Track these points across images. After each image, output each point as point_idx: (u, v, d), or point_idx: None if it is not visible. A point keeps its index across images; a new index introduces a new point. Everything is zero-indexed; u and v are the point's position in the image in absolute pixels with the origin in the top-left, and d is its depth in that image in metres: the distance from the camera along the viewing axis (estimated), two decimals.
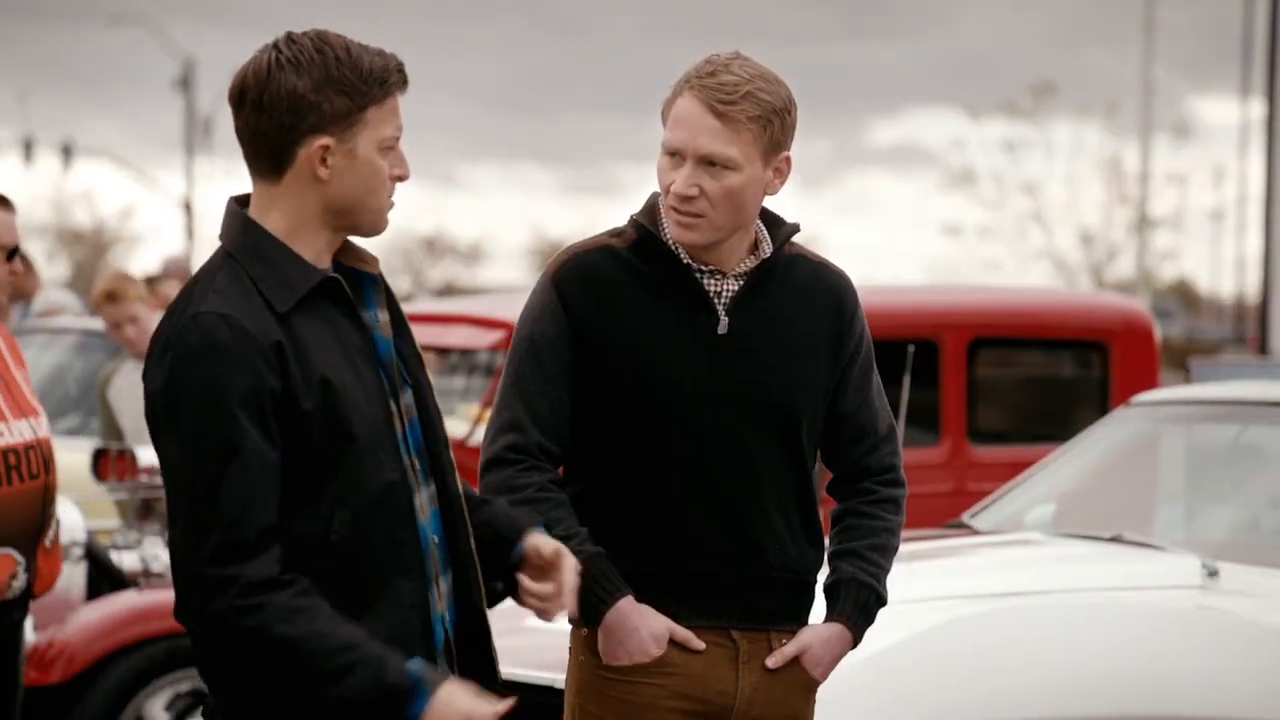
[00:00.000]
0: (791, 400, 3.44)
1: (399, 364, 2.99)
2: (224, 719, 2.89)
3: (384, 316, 3.00)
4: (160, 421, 2.84)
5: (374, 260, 3.01)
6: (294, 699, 2.81)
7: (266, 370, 2.82)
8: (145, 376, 2.89)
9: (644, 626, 3.39)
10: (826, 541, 3.57)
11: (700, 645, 3.42)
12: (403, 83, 2.93)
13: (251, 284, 2.87)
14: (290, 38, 2.90)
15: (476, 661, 3.02)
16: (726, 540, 3.41)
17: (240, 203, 2.97)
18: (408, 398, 2.98)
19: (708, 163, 3.36)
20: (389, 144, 2.92)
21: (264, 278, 2.88)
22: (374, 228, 2.96)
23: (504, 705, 2.91)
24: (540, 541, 3.02)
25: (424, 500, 2.95)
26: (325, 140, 2.88)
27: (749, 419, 3.41)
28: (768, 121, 3.37)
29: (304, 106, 2.86)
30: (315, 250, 2.93)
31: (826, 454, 3.56)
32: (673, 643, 3.41)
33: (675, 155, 3.39)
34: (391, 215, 3.00)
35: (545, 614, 3.03)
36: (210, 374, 2.80)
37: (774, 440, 3.43)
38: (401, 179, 2.96)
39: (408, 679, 2.81)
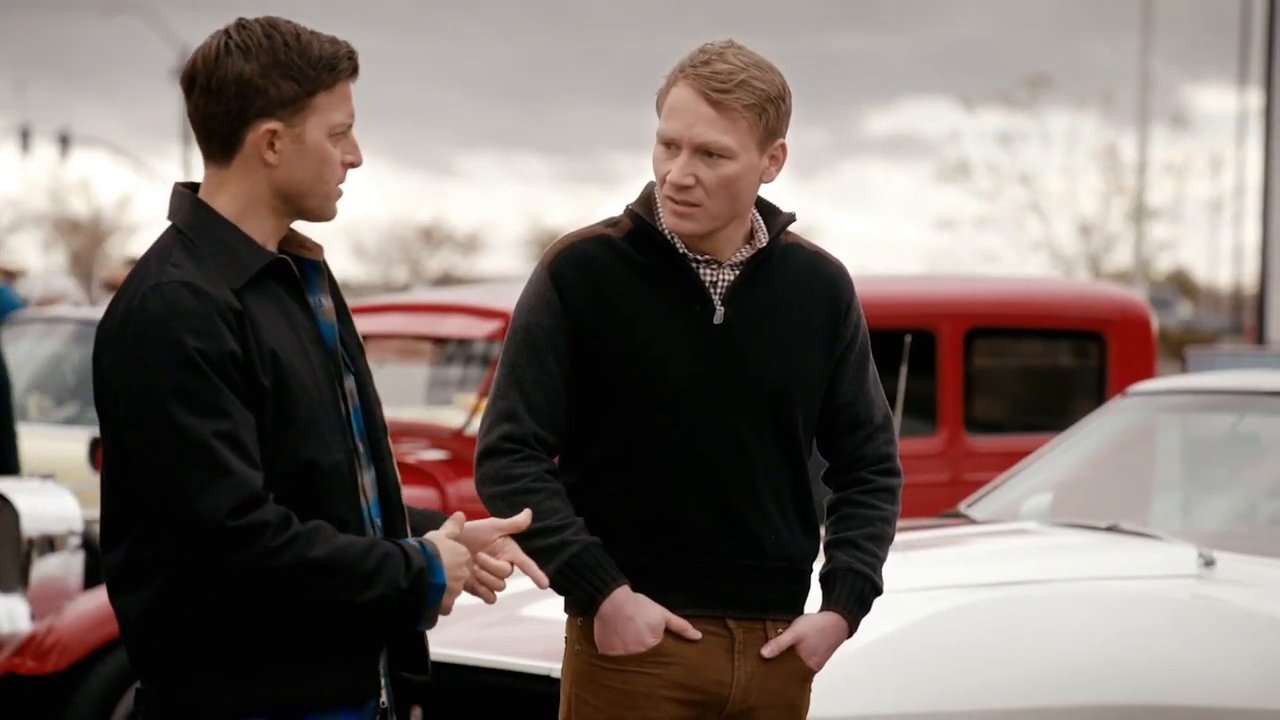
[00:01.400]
0: (787, 390, 3.43)
1: (342, 350, 3.02)
2: (159, 705, 2.92)
3: (328, 302, 3.03)
4: (134, 395, 2.84)
5: (318, 247, 3.04)
6: (332, 615, 2.88)
7: (231, 337, 2.85)
8: (103, 355, 2.89)
9: (640, 616, 3.39)
10: (822, 531, 3.57)
11: (696, 635, 3.42)
12: (353, 70, 2.95)
13: (205, 260, 2.90)
14: (241, 23, 2.94)
15: (407, 644, 3.05)
16: (722, 530, 3.41)
17: (189, 188, 3.00)
18: (350, 383, 3.02)
19: (704, 152, 3.36)
20: (339, 130, 2.95)
21: (216, 255, 2.91)
22: (322, 213, 2.99)
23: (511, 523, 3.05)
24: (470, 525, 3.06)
25: (367, 483, 3.00)
26: (273, 125, 2.91)
27: (744, 409, 3.41)
28: (763, 110, 3.36)
29: (251, 91, 2.90)
30: (262, 234, 2.96)
31: (822, 443, 3.56)
32: (669, 632, 3.41)
33: (671, 145, 3.38)
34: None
35: (492, 593, 3.04)
36: (181, 339, 2.82)
37: (769, 430, 3.43)
38: (354, 165, 2.99)
39: (423, 555, 2.91)
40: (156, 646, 2.90)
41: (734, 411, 3.41)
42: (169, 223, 2.98)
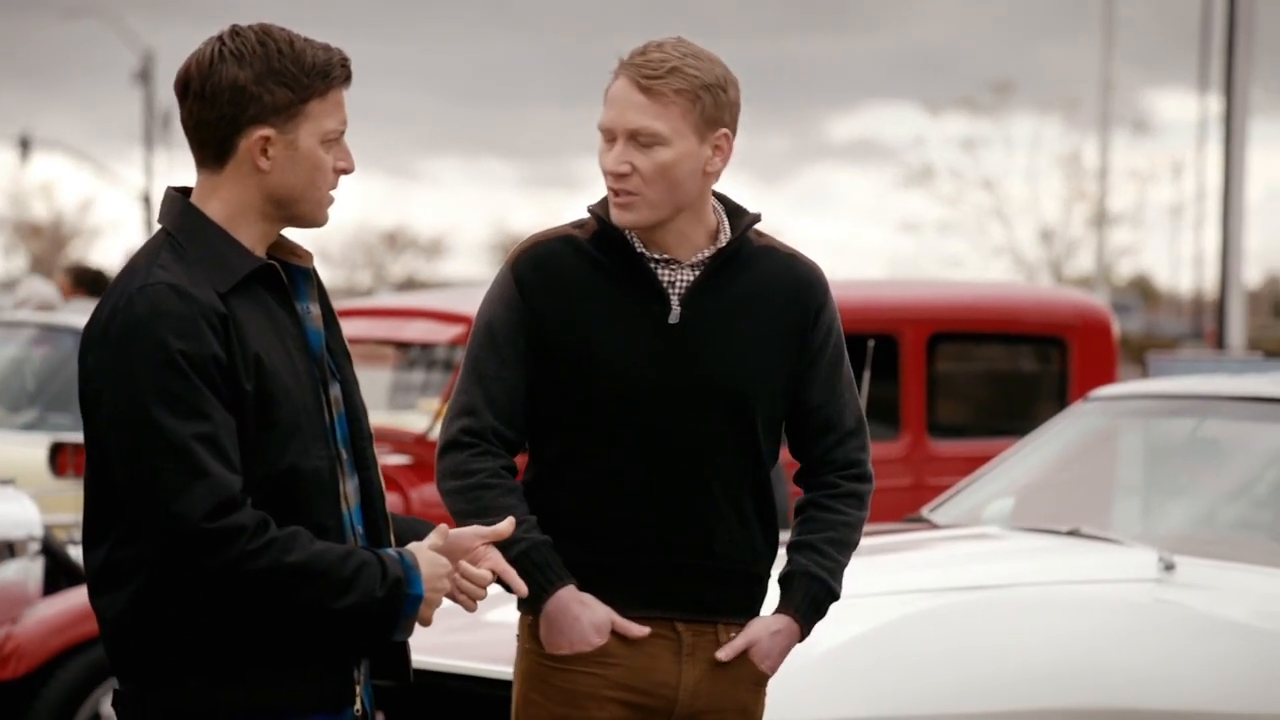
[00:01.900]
0: (740, 391, 3.43)
1: (328, 358, 3.03)
2: (138, 706, 2.92)
3: (315, 310, 3.04)
4: (116, 394, 2.85)
5: (307, 255, 3.06)
6: (307, 622, 2.88)
7: (215, 340, 2.86)
8: (88, 355, 2.90)
9: (585, 616, 3.41)
10: (785, 535, 3.57)
11: (642, 632, 3.42)
12: (346, 77, 2.98)
13: (193, 263, 2.92)
14: (235, 30, 2.95)
15: (388, 651, 3.05)
16: (671, 531, 3.42)
17: (180, 192, 3.01)
18: (336, 391, 3.03)
19: (637, 139, 3.37)
20: (332, 137, 2.97)
21: (204, 259, 2.92)
22: (313, 219, 3.00)
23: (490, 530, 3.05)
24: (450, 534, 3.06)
25: (350, 490, 3.01)
26: (266, 131, 2.93)
27: (697, 410, 3.41)
28: (696, 96, 3.37)
29: (245, 97, 2.91)
30: (252, 240, 2.97)
31: (793, 446, 3.56)
32: (616, 633, 3.42)
33: (608, 136, 3.40)
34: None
35: (473, 602, 3.04)
36: (165, 340, 2.84)
37: (724, 431, 3.43)
38: (345, 172, 3.01)
39: (400, 565, 2.92)
40: (135, 648, 2.91)
41: (686, 412, 3.41)
42: (159, 225, 2.99)
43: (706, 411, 3.41)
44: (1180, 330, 38.90)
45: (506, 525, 3.07)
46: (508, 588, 3.15)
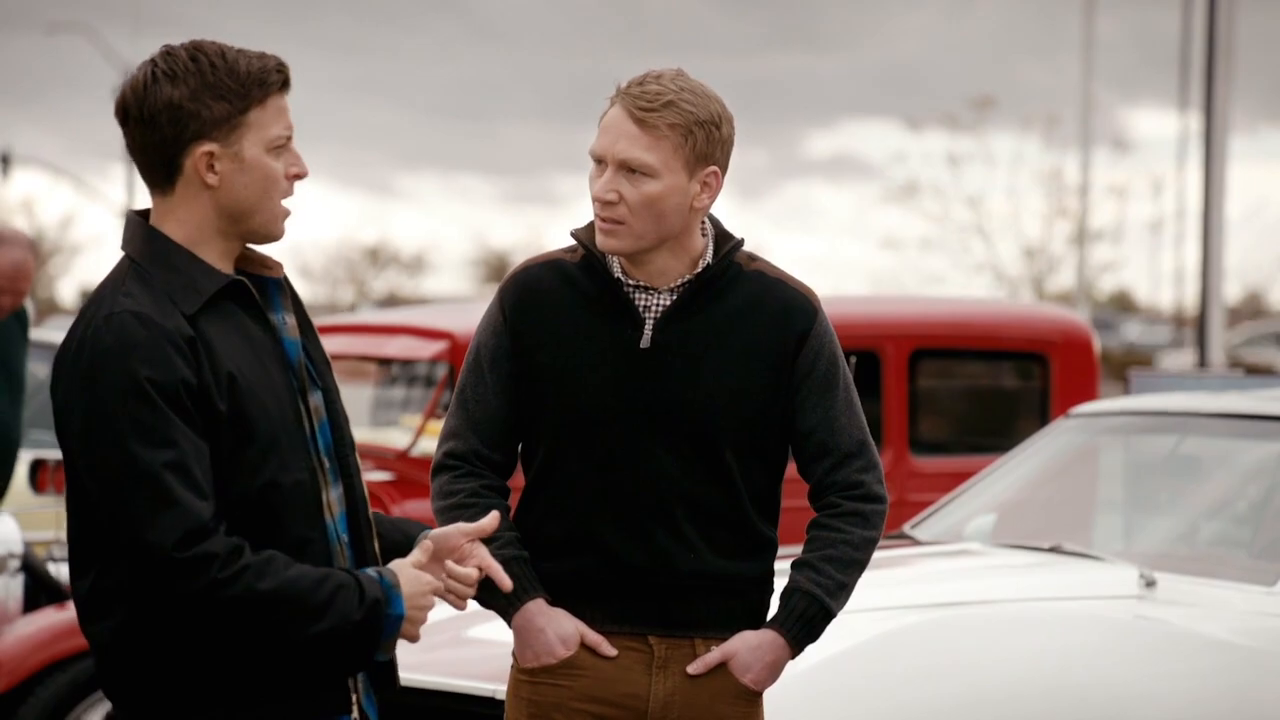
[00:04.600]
0: (706, 414, 3.45)
1: (308, 366, 3.02)
2: None
3: (291, 320, 3.04)
4: (87, 425, 2.85)
5: (278, 265, 3.05)
6: (284, 647, 2.88)
7: (184, 365, 2.86)
8: (58, 386, 2.91)
9: (550, 628, 3.46)
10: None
11: (610, 651, 3.47)
12: (284, 82, 2.96)
13: (159, 288, 2.91)
14: (166, 50, 2.95)
15: (374, 665, 3.05)
16: (633, 549, 3.46)
17: (142, 216, 3.01)
18: (317, 399, 3.04)
19: (627, 169, 3.41)
20: (278, 144, 2.96)
21: (170, 282, 2.92)
22: (269, 233, 2.99)
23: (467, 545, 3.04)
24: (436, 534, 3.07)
25: (333, 499, 3.01)
26: (209, 146, 2.92)
27: (660, 433, 3.45)
28: (689, 132, 3.39)
29: (183, 115, 2.91)
30: (215, 257, 2.97)
31: (798, 470, 3.59)
32: (586, 646, 3.47)
33: (600, 162, 3.44)
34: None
35: (461, 600, 3.06)
36: (132, 369, 2.83)
37: (690, 453, 3.45)
38: (299, 177, 2.99)
39: (380, 586, 2.92)
40: (125, 675, 2.91)
41: (647, 435, 3.45)
42: (123, 252, 2.98)
43: (669, 434, 3.45)
44: (1162, 343, 39.01)
45: (490, 520, 3.09)
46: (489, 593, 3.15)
